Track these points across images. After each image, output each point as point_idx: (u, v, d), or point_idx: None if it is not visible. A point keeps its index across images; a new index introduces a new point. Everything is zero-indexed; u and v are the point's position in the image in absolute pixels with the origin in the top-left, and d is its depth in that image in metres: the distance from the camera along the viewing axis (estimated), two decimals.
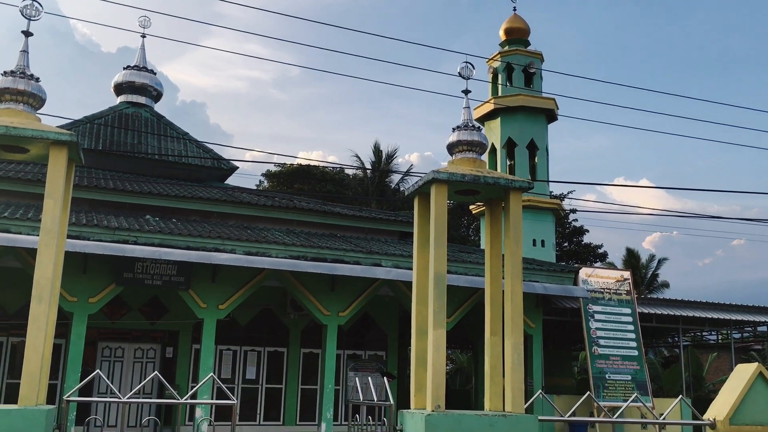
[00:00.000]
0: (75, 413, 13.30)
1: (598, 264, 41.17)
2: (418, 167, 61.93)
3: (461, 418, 6.61)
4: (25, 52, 6.75)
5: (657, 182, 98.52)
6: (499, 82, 29.50)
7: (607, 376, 17.70)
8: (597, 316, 18.34)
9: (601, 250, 44.61)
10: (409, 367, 7.31)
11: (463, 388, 29.33)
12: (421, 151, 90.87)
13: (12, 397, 5.76)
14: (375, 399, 8.51)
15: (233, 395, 15.22)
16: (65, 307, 13.75)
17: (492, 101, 28.86)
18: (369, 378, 13.60)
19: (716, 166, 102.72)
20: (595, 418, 15.11)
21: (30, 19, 6.85)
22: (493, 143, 28.65)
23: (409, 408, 7.20)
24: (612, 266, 39.83)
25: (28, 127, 6.13)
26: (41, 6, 6.93)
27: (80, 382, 12.63)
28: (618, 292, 18.89)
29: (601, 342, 18.04)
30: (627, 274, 19.84)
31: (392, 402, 7.69)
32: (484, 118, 29.45)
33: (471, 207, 31.14)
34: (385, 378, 11.41)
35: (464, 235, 42.37)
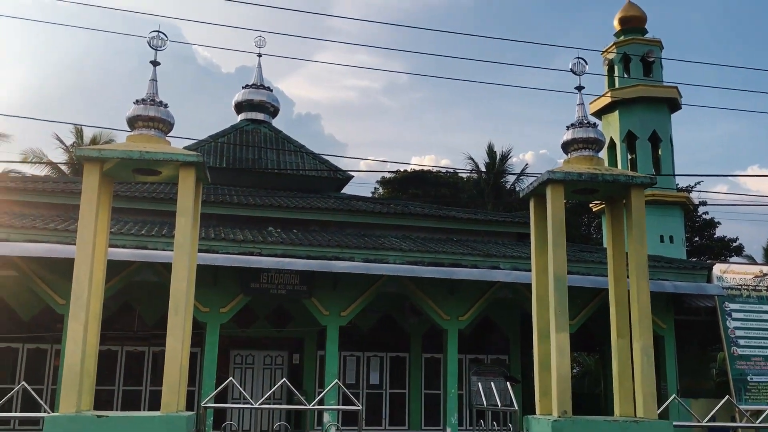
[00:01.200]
0: (212, 419, 14.02)
1: (734, 259, 38.67)
2: (534, 166, 60.69)
3: (590, 424, 6.42)
4: (153, 80, 7.23)
5: None
6: (616, 73, 28.44)
7: (748, 377, 16.59)
8: (735, 315, 17.24)
9: (736, 244, 41.89)
10: (533, 370, 7.17)
11: (592, 392, 28.36)
12: (536, 150, 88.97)
13: (155, 404, 6.15)
14: (499, 404, 8.42)
15: (358, 400, 15.57)
16: (199, 318, 14.53)
17: (609, 94, 27.86)
18: (492, 382, 13.46)
19: None
20: (737, 423, 14.18)
21: (157, 50, 7.32)
22: (612, 138, 27.63)
23: (534, 413, 7.07)
24: (751, 260, 37.26)
25: (159, 151, 6.56)
26: (166, 36, 7.40)
27: (215, 389, 13.32)
28: (757, 288, 17.67)
29: (741, 342, 16.93)
30: (767, 268, 18.52)
31: (516, 407, 7.59)
32: (601, 112, 28.47)
33: (591, 204, 30.15)
34: (508, 382, 11.27)
35: (585, 234, 41.07)
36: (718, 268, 17.93)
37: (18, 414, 12.08)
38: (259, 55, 24.87)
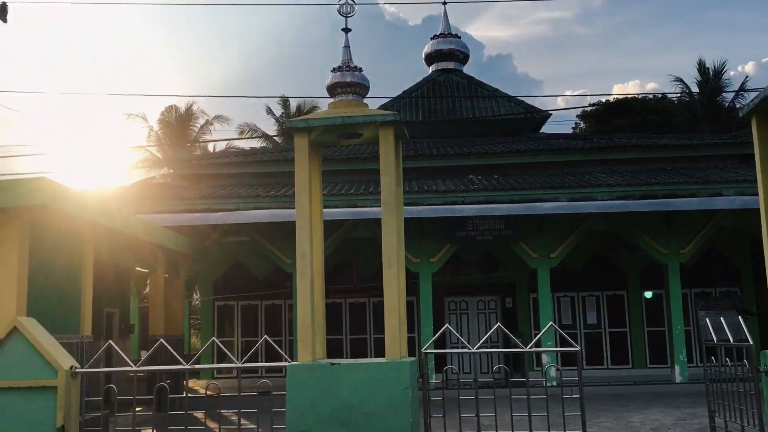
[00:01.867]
0: (433, 363, 14.66)
1: None
2: (756, 78, 54.52)
3: None
4: (346, 47, 7.55)
5: None
6: None
7: None
8: None
9: None
10: None
11: None
12: (758, 59, 79.63)
13: (379, 350, 6.60)
14: (731, 339, 7.88)
15: (576, 341, 15.35)
16: (411, 268, 15.14)
17: None
18: (722, 317, 12.58)
19: None
20: None
21: (347, 16, 7.62)
22: None
23: None
24: None
25: (359, 114, 6.89)
26: (354, 2, 7.66)
27: (433, 335, 13.90)
28: None
29: None
30: None
31: (752, 342, 7.06)
32: None
33: None
34: (740, 316, 10.49)
35: None
36: None
37: (263, 363, 13.56)
38: (444, 3, 24.77)
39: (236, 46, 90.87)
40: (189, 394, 8.01)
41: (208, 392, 9.77)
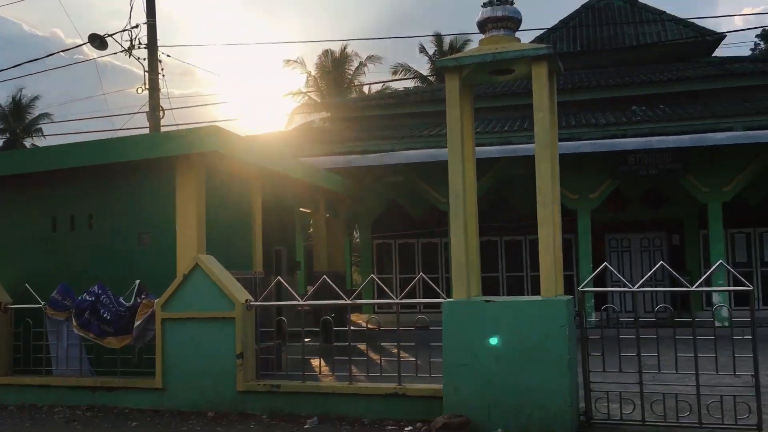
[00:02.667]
0: (592, 302, 14.35)
1: None
2: None
3: None
4: None
5: None
6: None
7: None
8: None
9: None
10: None
11: None
12: None
13: (536, 288, 6.58)
14: None
15: (750, 280, 14.30)
16: (568, 205, 14.75)
17: None
18: None
19: None
20: None
21: None
22: None
23: None
24: None
25: (510, 50, 6.71)
26: None
27: (592, 273, 13.57)
28: None
29: None
30: None
31: None
32: None
33: None
34: None
35: None
36: None
37: (420, 300, 13.95)
38: None
39: None
40: (352, 327, 8.47)
41: (369, 326, 10.26)
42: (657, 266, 6.80)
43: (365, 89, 36.81)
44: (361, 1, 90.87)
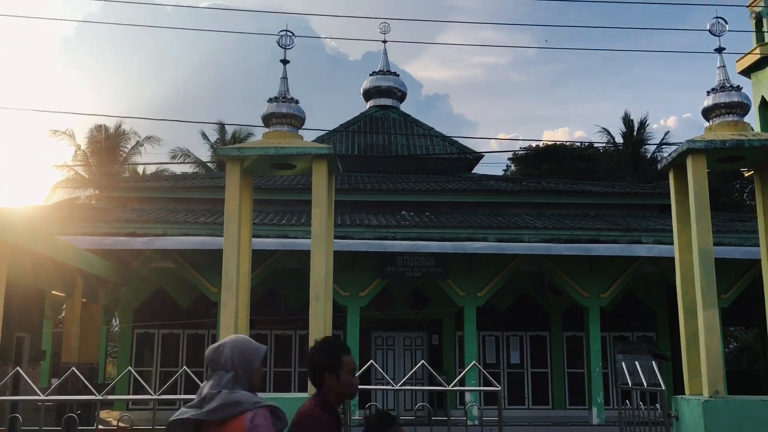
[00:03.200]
0: (357, 398, 14.53)
1: None
2: (677, 131, 57.33)
3: (745, 404, 6.08)
4: (284, 78, 7.57)
5: None
6: (764, 27, 26.21)
7: None
8: None
9: None
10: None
11: (751, 369, 26.60)
12: (679, 114, 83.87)
13: (304, 385, 6.49)
14: (645, 383, 8.13)
15: (499, 380, 15.56)
16: (339, 301, 15.06)
17: (758, 50, 25.73)
18: (638, 360, 12.96)
19: None
20: None
21: (286, 48, 7.65)
22: (763, 96, 25.57)
23: (684, 393, 6.78)
24: None
25: (293, 146, 6.88)
26: (294, 35, 7.70)
27: (358, 370, 13.81)
28: None
29: None
30: None
31: (664, 387, 7.30)
32: (750, 69, 26.35)
33: (742, 170, 28.06)
34: (654, 361, 10.82)
35: (738, 201, 38.30)
36: None
37: (181, 396, 13.13)
38: (384, 42, 25.20)
39: (173, 68, 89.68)
40: (100, 426, 7.67)
41: (120, 424, 9.37)
42: (418, 366, 7.09)
43: (141, 170, 35.30)
44: (142, 79, 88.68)
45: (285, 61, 7.65)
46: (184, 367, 7.06)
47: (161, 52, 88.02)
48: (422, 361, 7.43)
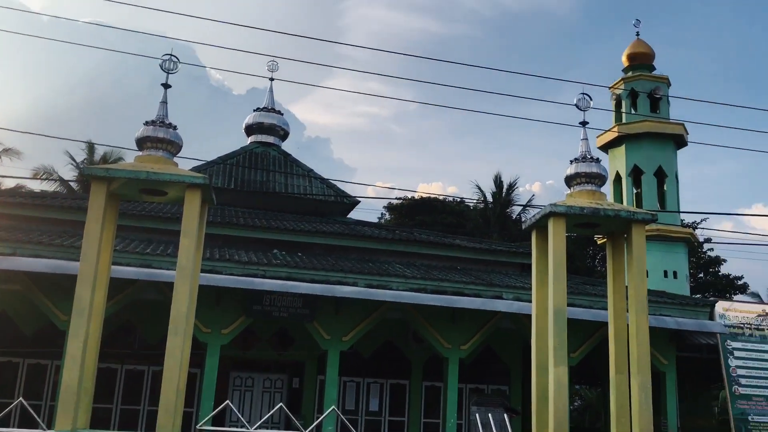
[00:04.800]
0: None
1: (739, 297, 38.47)
2: (540, 197, 60.77)
3: None
4: (164, 103, 7.36)
5: None
6: (623, 108, 28.61)
7: (750, 417, 16.43)
8: (737, 354, 17.12)
9: (741, 282, 41.67)
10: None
11: (593, 427, 28.11)
12: (543, 180, 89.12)
13: (152, 423, 6.17)
14: None
15: (357, 427, 15.50)
16: (200, 338, 14.52)
17: (616, 128, 27.98)
18: (491, 413, 13.36)
19: None
20: None
21: (169, 72, 7.46)
22: (618, 172, 27.70)
23: None
24: (757, 298, 37.07)
25: (166, 172, 6.66)
26: (178, 60, 7.54)
27: (213, 410, 13.28)
28: (760, 327, 17.57)
29: (743, 381, 16.79)
30: None
31: None
32: (608, 146, 28.55)
33: (596, 237, 30.11)
34: (506, 414, 11.20)
35: (590, 266, 40.95)
36: (720, 306, 17.85)
37: (15, 429, 12.07)
38: (272, 79, 25.18)
39: (46, 81, 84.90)
40: None
41: None
42: (276, 408, 6.94)
43: None
44: (9, 89, 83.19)
45: (166, 85, 7.46)
46: (21, 398, 6.51)
47: (34, 64, 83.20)
48: (280, 403, 7.27)
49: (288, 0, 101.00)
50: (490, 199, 40.02)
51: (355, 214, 24.78)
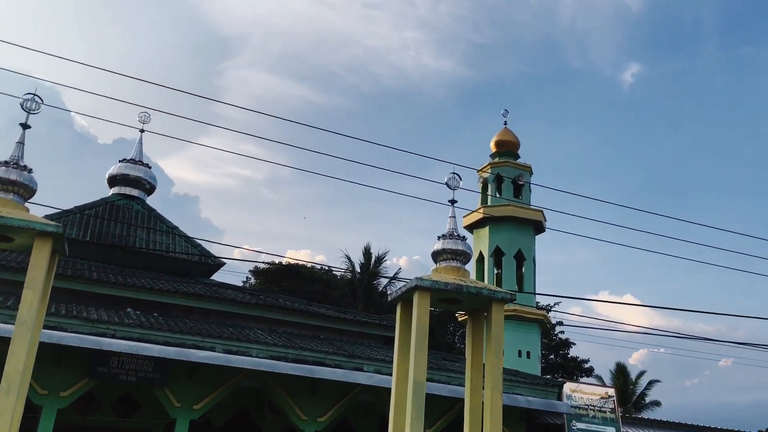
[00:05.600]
0: None
1: (585, 378, 40.59)
2: (407, 271, 62.02)
3: None
4: (21, 143, 6.89)
5: (641, 298, 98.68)
6: (489, 192, 30.09)
7: None
8: None
9: (587, 365, 44.04)
10: None
11: None
12: (410, 255, 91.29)
13: None
14: None
15: None
16: (34, 400, 13.31)
17: (481, 210, 29.30)
18: None
19: (698, 286, 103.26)
20: None
21: (30, 113, 7.03)
22: (481, 251, 28.85)
23: None
24: (600, 381, 39.23)
25: (15, 216, 6.18)
26: (41, 100, 7.13)
27: None
28: (602, 409, 18.53)
29: None
30: (611, 391, 19.54)
31: None
32: (473, 226, 29.78)
33: (457, 314, 30.96)
34: None
35: (450, 342, 41.90)
36: (568, 387, 18.69)
37: None
38: (142, 131, 24.41)
39: None
40: None
41: None
42: None
43: None
44: None
45: (26, 126, 7.01)
46: None
47: None
48: None
49: (165, 54, 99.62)
50: (358, 269, 40.31)
51: (219, 276, 24.06)
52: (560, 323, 42.10)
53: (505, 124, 31.94)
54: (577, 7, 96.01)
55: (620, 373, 42.25)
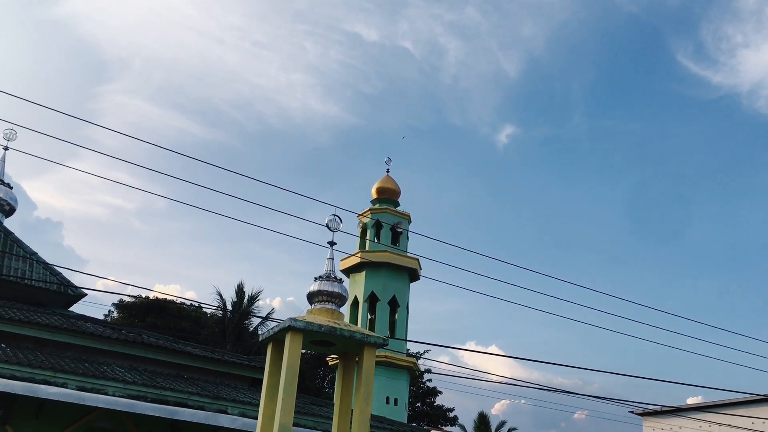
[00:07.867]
0: None
1: (449, 427, 41.24)
2: (280, 312, 61.09)
3: None
4: None
5: (505, 349, 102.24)
6: (368, 237, 30.40)
7: None
8: None
9: (452, 414, 44.80)
10: None
11: None
12: (284, 296, 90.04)
13: None
14: None
15: None
16: None
17: (359, 255, 29.51)
18: None
19: (557, 339, 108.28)
20: None
21: None
22: (356, 296, 28.94)
23: None
24: (464, 430, 39.97)
25: None
26: None
27: None
28: None
29: None
30: None
31: None
32: (350, 270, 29.88)
33: (328, 358, 30.72)
34: None
35: (319, 387, 41.40)
36: None
37: None
38: (6, 149, 22.84)
39: None
40: None
41: None
42: None
43: None
44: None
45: None
46: None
47: None
48: None
49: (38, 71, 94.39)
50: (229, 308, 39.23)
51: (80, 308, 22.67)
52: (428, 371, 42.72)
53: (388, 171, 32.60)
54: (460, 67, 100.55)
55: (482, 422, 43.31)
